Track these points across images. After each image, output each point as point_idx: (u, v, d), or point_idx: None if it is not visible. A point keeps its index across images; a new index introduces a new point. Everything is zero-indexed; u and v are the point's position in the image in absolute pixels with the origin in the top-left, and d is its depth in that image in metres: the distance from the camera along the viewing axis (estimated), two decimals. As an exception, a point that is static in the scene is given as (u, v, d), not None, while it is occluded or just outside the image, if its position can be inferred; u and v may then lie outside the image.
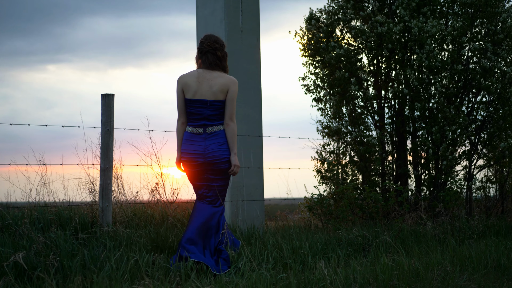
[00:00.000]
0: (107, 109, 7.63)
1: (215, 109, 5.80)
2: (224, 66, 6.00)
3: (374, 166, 9.99)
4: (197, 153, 5.84)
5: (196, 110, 5.80)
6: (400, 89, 9.96)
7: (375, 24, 9.99)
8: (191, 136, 5.87)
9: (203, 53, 5.97)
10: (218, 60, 5.95)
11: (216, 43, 6.02)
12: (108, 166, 7.56)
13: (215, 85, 5.80)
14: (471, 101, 10.48)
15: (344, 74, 9.85)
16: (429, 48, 9.59)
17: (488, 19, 10.29)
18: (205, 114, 5.79)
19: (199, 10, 9.88)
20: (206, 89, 5.78)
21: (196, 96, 5.78)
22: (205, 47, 5.97)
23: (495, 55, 10.15)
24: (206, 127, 5.82)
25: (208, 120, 5.81)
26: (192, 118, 5.83)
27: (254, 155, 9.52)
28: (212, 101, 5.78)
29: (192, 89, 5.78)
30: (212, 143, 5.83)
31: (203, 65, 5.94)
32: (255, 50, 9.73)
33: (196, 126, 5.84)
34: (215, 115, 5.81)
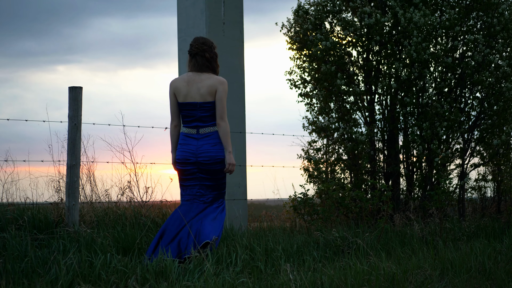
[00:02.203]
0: (74, 102, 7.28)
1: (206, 110, 5.94)
2: (213, 66, 6.11)
3: (362, 164, 9.55)
4: (190, 152, 5.97)
5: (188, 113, 5.97)
6: (389, 83, 9.53)
7: (363, 15, 9.56)
8: (185, 137, 6.03)
9: (192, 56, 6.10)
10: (207, 62, 6.07)
11: (204, 45, 6.14)
12: (75, 163, 7.18)
13: (202, 87, 5.94)
14: (464, 97, 10.04)
15: (330, 68, 9.42)
16: (417, 40, 9.15)
17: (484, 11, 9.85)
18: (197, 116, 5.95)
19: (180, 1, 9.48)
20: (195, 92, 5.94)
21: (187, 99, 5.96)
22: (194, 50, 6.12)
23: (489, 48, 9.71)
24: (199, 128, 5.97)
25: (201, 121, 5.96)
26: (186, 120, 6.01)
27: (237, 152, 9.13)
28: (201, 103, 5.93)
29: (182, 93, 5.96)
30: (205, 143, 5.96)
31: (193, 67, 6.06)
32: (238, 43, 9.33)
33: (190, 127, 6.01)
34: (207, 116, 5.96)
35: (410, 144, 9.73)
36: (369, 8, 9.59)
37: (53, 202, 7.31)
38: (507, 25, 9.70)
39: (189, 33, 9.32)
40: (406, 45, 9.44)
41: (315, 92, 9.88)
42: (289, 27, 10.28)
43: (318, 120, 9.82)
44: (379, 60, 9.89)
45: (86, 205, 7.62)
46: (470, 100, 9.99)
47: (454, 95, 10.09)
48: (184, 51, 9.34)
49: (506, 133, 9.83)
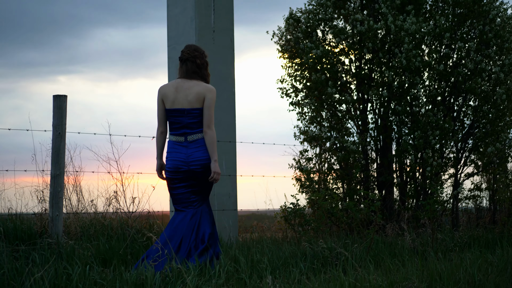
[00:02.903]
0: (58, 111, 7.16)
1: (193, 117, 5.92)
2: (203, 74, 6.09)
3: (354, 174, 9.41)
4: (180, 161, 5.95)
5: (176, 119, 5.94)
6: (381, 92, 9.41)
7: (355, 23, 9.44)
8: (174, 145, 6.00)
9: (183, 61, 6.10)
10: (197, 68, 6.05)
11: (196, 51, 6.15)
12: (59, 172, 7.05)
13: (190, 93, 5.93)
14: (458, 105, 9.91)
15: (320, 77, 9.29)
16: (408, 47, 9.03)
17: (476, 18, 9.74)
18: (184, 123, 5.93)
19: (170, 9, 9.38)
20: (182, 98, 5.93)
21: (174, 105, 5.94)
22: (185, 55, 6.12)
23: (482, 56, 9.59)
24: (187, 135, 5.94)
25: (188, 128, 5.94)
26: (174, 127, 5.98)
27: (227, 161, 9.00)
28: (189, 110, 5.91)
29: (170, 99, 5.95)
30: (194, 150, 5.94)
31: (183, 74, 6.05)
32: (228, 51, 9.22)
33: (177, 134, 5.98)
34: (195, 123, 5.93)
35: (403, 153, 9.59)
36: (361, 15, 9.48)
37: (37, 212, 7.18)
38: (498, 31, 9.58)
39: (179, 41, 9.21)
40: (397, 53, 9.32)
41: (307, 101, 9.76)
42: (280, 35, 10.18)
43: (309, 129, 9.69)
44: (372, 68, 9.77)
45: (71, 215, 7.49)
46: (464, 108, 9.86)
47: (448, 103, 9.96)
48: (173, 60, 9.24)
49: (500, 141, 9.69)
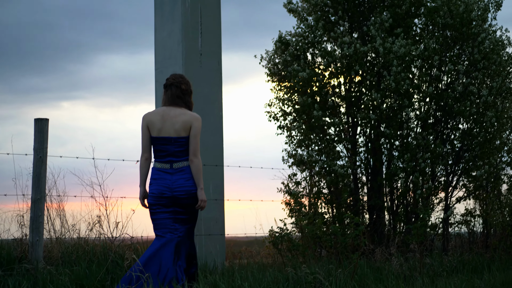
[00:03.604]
0: (40, 135, 7.10)
1: (180, 145, 5.93)
2: (188, 101, 6.12)
3: (343, 198, 9.30)
4: (165, 187, 5.93)
5: (162, 147, 5.94)
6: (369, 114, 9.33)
7: (343, 45, 9.39)
8: (158, 172, 5.98)
9: (167, 87, 6.13)
10: (181, 93, 6.06)
11: (181, 78, 6.20)
12: (40, 197, 6.96)
13: (177, 122, 5.94)
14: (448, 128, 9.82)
15: (307, 100, 9.22)
16: (396, 70, 8.97)
17: (465, 41, 9.69)
18: (170, 151, 5.93)
19: (157, 33, 9.34)
20: (169, 127, 5.94)
21: (161, 133, 5.94)
22: (170, 81, 6.14)
23: (470, 78, 9.52)
24: (173, 163, 5.94)
25: (174, 156, 5.94)
26: (159, 154, 5.98)
27: (214, 186, 8.89)
28: (176, 138, 5.92)
29: (156, 127, 5.95)
30: (179, 178, 5.93)
31: (168, 101, 6.06)
32: (215, 74, 9.15)
33: (163, 162, 5.97)
34: (181, 151, 5.94)
35: (393, 177, 9.49)
36: (349, 38, 9.43)
37: (17, 237, 7.07)
38: (487, 54, 9.53)
39: (166, 64, 9.16)
40: (386, 76, 9.26)
41: (295, 124, 9.68)
42: (268, 59, 10.13)
43: (297, 153, 9.59)
44: (361, 91, 9.70)
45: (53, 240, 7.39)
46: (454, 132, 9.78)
47: (440, 126, 9.88)
48: (160, 83, 9.18)
49: (489, 164, 9.59)
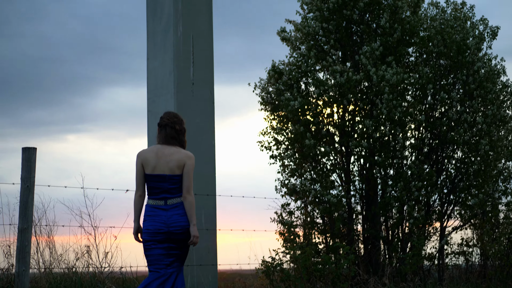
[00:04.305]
0: (27, 164, 7.03)
1: (174, 182, 6.02)
2: (181, 140, 6.24)
3: (336, 227, 9.19)
4: (160, 223, 6.01)
5: (156, 184, 6.03)
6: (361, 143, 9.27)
7: (335, 74, 9.38)
8: (153, 208, 6.07)
9: (162, 127, 6.23)
10: (176, 134, 6.19)
11: (175, 118, 6.30)
12: (27, 226, 6.86)
13: (171, 160, 6.04)
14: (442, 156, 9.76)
15: (298, 129, 9.18)
16: (388, 97, 8.93)
17: (460, 69, 9.67)
18: (165, 188, 6.01)
19: (150, 62, 9.34)
20: (163, 165, 6.03)
21: (155, 171, 6.03)
22: (164, 121, 6.24)
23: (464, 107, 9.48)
24: (167, 199, 6.03)
25: (168, 193, 6.02)
26: (153, 191, 6.07)
27: (206, 215, 8.82)
28: (170, 176, 6.01)
29: (151, 164, 6.05)
30: (174, 213, 6.00)
31: (162, 139, 6.18)
32: (207, 103, 9.12)
33: (157, 199, 6.06)
34: (175, 188, 6.03)
35: (387, 206, 9.40)
36: (340, 66, 9.42)
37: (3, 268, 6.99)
38: (482, 82, 9.50)
39: (158, 93, 9.15)
40: (378, 104, 9.22)
41: (288, 153, 9.62)
42: (262, 88, 10.11)
43: (290, 182, 9.52)
44: (354, 119, 9.66)
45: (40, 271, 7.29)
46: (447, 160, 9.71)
47: (435, 155, 9.81)
48: (153, 113, 9.16)
49: (483, 193, 9.49)
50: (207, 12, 9.45)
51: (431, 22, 10.19)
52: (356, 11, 9.84)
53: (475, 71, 9.57)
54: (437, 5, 10.41)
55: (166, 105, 8.94)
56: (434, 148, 9.82)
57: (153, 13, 9.42)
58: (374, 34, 9.88)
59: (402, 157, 9.40)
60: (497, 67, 10.04)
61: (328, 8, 9.81)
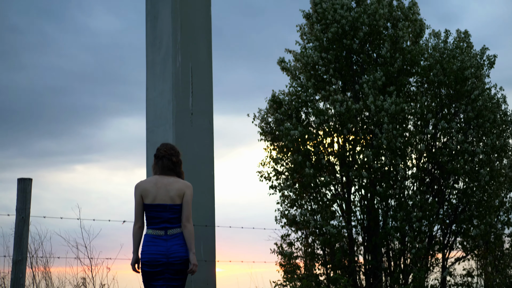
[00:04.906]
0: (22, 195, 6.99)
1: (174, 212, 6.12)
2: (179, 172, 6.37)
3: (336, 258, 9.09)
4: (160, 254, 6.06)
5: (157, 214, 6.11)
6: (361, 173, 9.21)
7: (335, 103, 9.35)
8: (152, 238, 6.13)
9: (159, 158, 6.33)
10: (173, 165, 6.32)
11: (172, 150, 6.44)
12: (21, 258, 6.81)
13: (171, 190, 6.16)
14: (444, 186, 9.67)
15: (297, 158, 9.12)
16: (387, 127, 8.88)
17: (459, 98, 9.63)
18: (165, 218, 6.10)
19: (149, 92, 9.32)
20: (164, 194, 6.14)
21: (156, 201, 6.13)
22: (162, 153, 6.37)
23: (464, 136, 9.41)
24: (167, 229, 6.12)
25: (169, 222, 6.12)
26: (154, 221, 6.14)
27: (205, 246, 8.73)
28: (170, 205, 6.11)
29: (151, 195, 6.15)
30: (174, 244, 6.08)
31: (159, 170, 6.28)
32: (207, 133, 9.07)
33: (157, 228, 6.13)
34: (175, 217, 6.12)
35: (388, 237, 9.29)
36: (340, 96, 9.39)
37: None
38: (481, 111, 9.45)
39: (157, 123, 9.11)
40: (378, 133, 9.17)
41: (288, 184, 9.56)
42: (261, 118, 10.08)
43: (290, 213, 9.44)
44: (354, 149, 9.60)
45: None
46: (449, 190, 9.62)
47: (436, 184, 9.73)
48: (151, 143, 9.11)
49: (486, 223, 9.39)
50: (207, 43, 9.45)
51: (432, 51, 10.18)
52: (356, 41, 9.84)
53: (472, 100, 9.54)
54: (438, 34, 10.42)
55: (164, 135, 8.90)
56: (435, 178, 9.73)
57: (152, 44, 9.43)
58: (375, 64, 9.88)
59: (403, 187, 9.31)
60: (497, 96, 10.00)
61: (328, 38, 9.82)
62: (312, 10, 10.24)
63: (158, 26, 9.33)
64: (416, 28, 10.09)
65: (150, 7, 9.44)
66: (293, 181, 9.49)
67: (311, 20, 10.26)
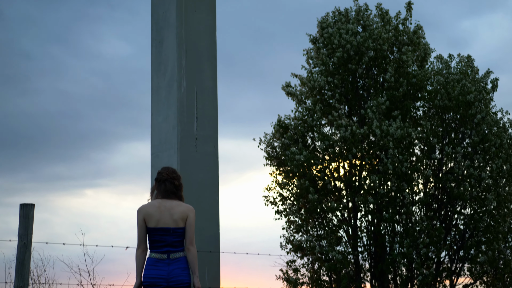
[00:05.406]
0: (24, 220, 6.93)
1: (178, 235, 6.11)
2: (180, 195, 6.35)
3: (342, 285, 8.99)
4: (161, 278, 6.04)
5: (161, 238, 6.10)
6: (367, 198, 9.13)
7: (340, 128, 9.31)
8: (155, 262, 6.12)
9: (161, 182, 6.30)
10: (175, 189, 6.30)
11: (174, 173, 6.41)
12: (22, 284, 6.75)
13: (175, 213, 6.15)
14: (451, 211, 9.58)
15: (304, 183, 9.07)
16: (393, 152, 8.82)
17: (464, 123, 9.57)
18: (169, 241, 6.09)
19: (154, 117, 9.32)
20: (167, 218, 6.14)
21: (159, 224, 6.12)
22: (164, 176, 6.33)
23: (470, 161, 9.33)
24: (170, 253, 6.11)
25: (172, 246, 6.10)
26: (157, 245, 6.13)
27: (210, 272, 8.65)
28: (174, 229, 6.11)
29: (154, 218, 6.14)
30: (175, 268, 6.06)
31: (161, 194, 6.26)
32: (211, 159, 9.03)
33: (160, 252, 6.13)
34: (178, 241, 6.12)
35: (394, 263, 9.19)
36: (345, 120, 9.35)
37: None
38: (486, 136, 9.38)
39: (161, 148, 9.09)
40: (383, 158, 9.11)
41: (293, 209, 9.49)
42: (267, 143, 10.05)
43: (295, 239, 9.36)
44: (360, 174, 9.54)
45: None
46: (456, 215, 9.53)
47: (444, 210, 9.64)
48: (156, 168, 9.07)
49: (493, 249, 9.28)
50: (212, 68, 9.45)
51: (437, 76, 10.15)
52: (363, 65, 9.83)
53: (476, 124, 9.47)
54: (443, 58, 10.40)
55: (169, 160, 8.87)
56: (442, 204, 9.64)
57: (157, 69, 9.44)
58: (381, 88, 9.85)
59: (410, 212, 9.23)
60: (503, 120, 9.93)
61: (333, 62, 9.81)
62: (319, 34, 10.25)
63: (163, 51, 9.35)
64: (421, 52, 10.08)
65: (156, 33, 9.47)
66: (299, 206, 9.43)
67: (318, 45, 10.26)
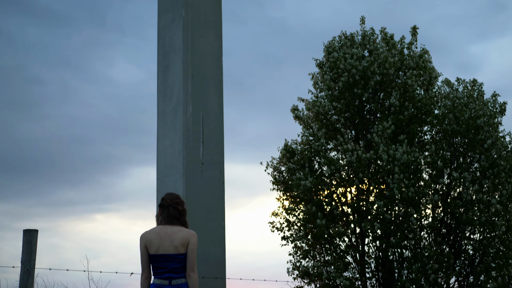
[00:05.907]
0: (28, 246, 6.90)
1: (179, 262, 6.10)
2: (184, 221, 6.32)
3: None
4: None
5: (161, 264, 6.10)
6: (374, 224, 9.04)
7: (346, 153, 9.24)
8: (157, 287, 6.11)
9: (164, 207, 6.29)
10: (178, 214, 6.28)
11: (177, 199, 6.39)
12: (25, 312, 6.68)
13: (176, 239, 6.13)
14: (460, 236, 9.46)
15: (311, 208, 8.99)
16: (399, 177, 8.74)
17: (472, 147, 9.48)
18: (169, 268, 6.08)
19: (159, 142, 9.28)
20: (168, 244, 6.12)
21: (160, 251, 6.11)
22: (167, 202, 6.31)
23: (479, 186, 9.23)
24: (172, 279, 6.09)
25: (173, 272, 6.09)
26: (158, 271, 6.13)
27: (215, 300, 8.55)
28: (174, 255, 6.09)
29: (155, 245, 6.14)
30: None
31: (164, 220, 6.25)
32: (218, 184, 8.97)
33: (162, 278, 6.12)
34: (179, 267, 6.10)
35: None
36: (351, 145, 9.29)
37: None
38: (495, 161, 9.28)
39: (167, 173, 9.04)
40: (390, 183, 9.03)
41: (300, 235, 9.40)
42: (274, 167, 9.99)
43: (302, 265, 9.26)
44: (366, 199, 9.45)
45: None
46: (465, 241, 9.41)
47: (452, 235, 9.52)
48: (161, 193, 9.02)
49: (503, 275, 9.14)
50: (218, 92, 9.42)
51: (444, 100, 10.08)
52: (369, 90, 9.78)
53: (486, 149, 9.38)
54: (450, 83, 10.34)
55: (175, 185, 8.82)
56: (451, 229, 9.53)
57: (163, 94, 9.43)
58: (387, 113, 9.79)
59: (418, 238, 9.11)
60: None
61: (339, 86, 9.77)
62: (325, 59, 10.23)
63: (169, 76, 9.34)
64: (426, 76, 10.03)
65: (162, 58, 9.47)
66: (306, 232, 9.33)
67: (324, 69, 10.24)
